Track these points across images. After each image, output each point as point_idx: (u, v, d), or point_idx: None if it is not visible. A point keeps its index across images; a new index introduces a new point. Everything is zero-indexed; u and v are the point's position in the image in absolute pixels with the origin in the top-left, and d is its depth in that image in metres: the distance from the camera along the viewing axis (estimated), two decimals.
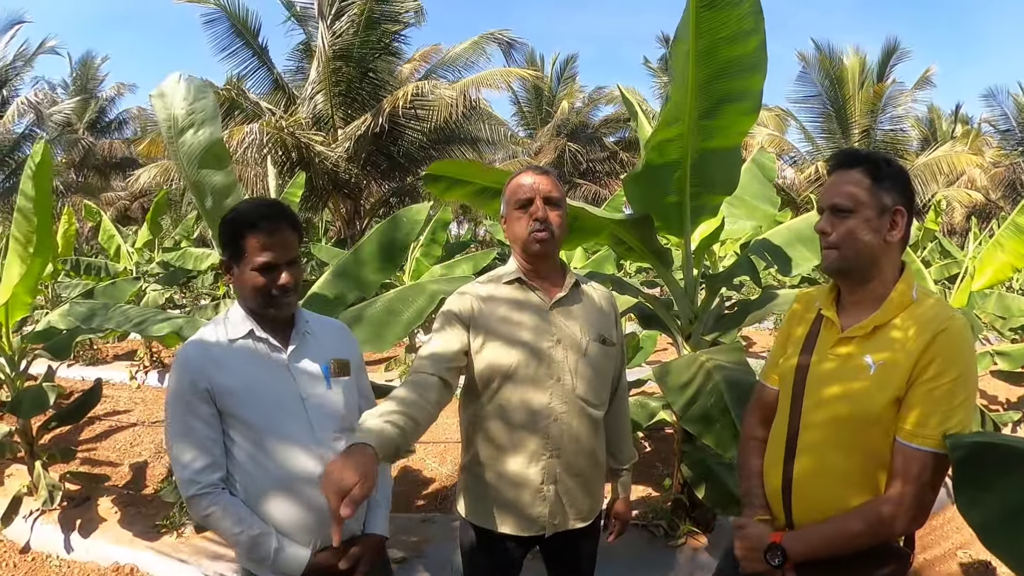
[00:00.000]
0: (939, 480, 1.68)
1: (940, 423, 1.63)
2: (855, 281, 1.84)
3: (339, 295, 3.59)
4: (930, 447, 1.63)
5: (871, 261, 1.79)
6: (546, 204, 2.13)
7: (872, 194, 1.75)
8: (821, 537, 1.76)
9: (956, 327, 1.69)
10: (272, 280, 1.92)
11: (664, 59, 29.68)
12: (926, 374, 1.66)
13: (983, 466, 1.22)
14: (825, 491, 1.79)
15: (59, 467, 5.14)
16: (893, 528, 1.69)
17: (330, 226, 22.55)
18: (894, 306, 1.77)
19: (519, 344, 2.13)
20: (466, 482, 2.29)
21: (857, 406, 1.74)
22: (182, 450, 1.89)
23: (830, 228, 1.80)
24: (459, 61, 16.56)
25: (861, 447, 1.74)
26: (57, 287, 10.52)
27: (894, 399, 1.69)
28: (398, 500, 5.17)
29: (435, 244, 9.11)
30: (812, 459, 1.81)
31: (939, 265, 10.37)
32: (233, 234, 1.93)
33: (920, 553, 4.36)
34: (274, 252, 1.91)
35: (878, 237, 1.76)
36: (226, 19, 14.72)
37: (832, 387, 1.80)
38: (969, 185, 24.69)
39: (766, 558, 1.80)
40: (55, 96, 28.84)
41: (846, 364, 1.80)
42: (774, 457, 1.93)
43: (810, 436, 1.82)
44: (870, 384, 1.73)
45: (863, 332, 1.79)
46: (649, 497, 4.82)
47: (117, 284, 6.91)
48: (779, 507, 1.89)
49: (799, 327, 2.01)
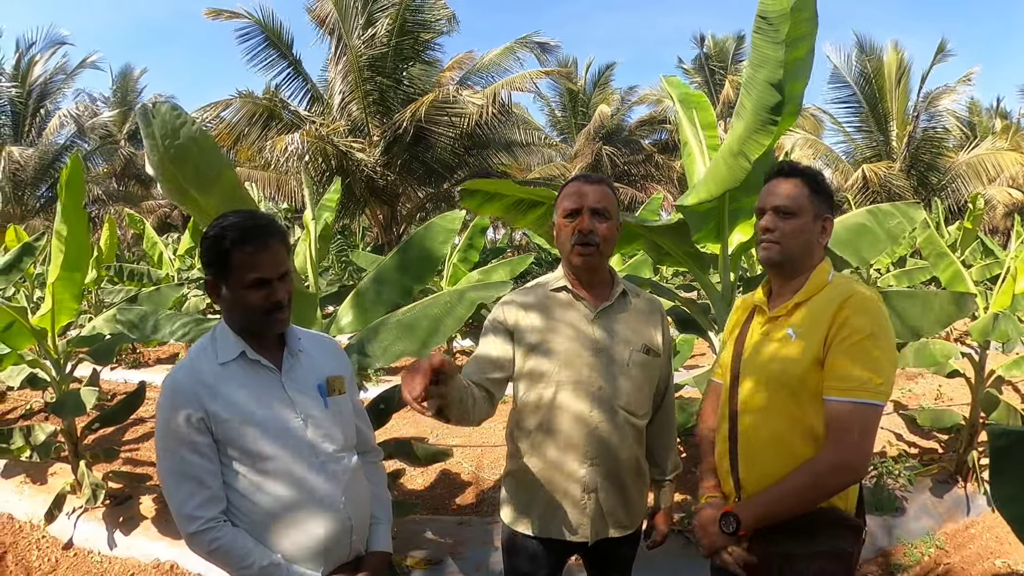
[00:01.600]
0: (869, 430, 1.84)
1: (860, 374, 1.82)
2: (787, 274, 2.06)
3: (378, 301, 3.64)
4: (853, 398, 1.81)
5: (803, 257, 2.02)
6: (593, 216, 2.11)
7: (811, 201, 2.00)
8: (769, 499, 1.90)
9: (862, 292, 1.92)
10: (266, 297, 1.83)
11: (698, 59, 29.54)
12: (840, 334, 1.86)
13: (1021, 460, 1.22)
14: (766, 459, 1.94)
15: (102, 466, 5.25)
16: (830, 481, 1.84)
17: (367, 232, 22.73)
18: (812, 286, 2.00)
19: (561, 352, 2.15)
20: (509, 488, 2.31)
21: (782, 370, 1.93)
22: (178, 485, 1.79)
23: (774, 226, 2.01)
24: (492, 67, 16.62)
25: (793, 414, 1.90)
26: (101, 293, 10.72)
27: (815, 360, 1.88)
28: (435, 502, 5.22)
29: (472, 249, 9.14)
30: (752, 431, 1.98)
31: (980, 265, 10.15)
32: (219, 251, 1.80)
33: (955, 558, 4.30)
34: (265, 267, 1.81)
35: (812, 237, 2.02)
36: (260, 32, 14.91)
37: (761, 359, 2.01)
38: (1011, 183, 24.16)
39: (721, 527, 1.94)
40: (96, 108, 29.52)
41: (771, 337, 2.02)
42: (721, 438, 2.09)
43: (747, 410, 2.01)
44: (792, 349, 1.93)
45: (785, 310, 2.01)
46: (685, 502, 4.80)
47: (161, 290, 7.07)
48: (730, 484, 2.05)
49: (737, 324, 2.23)
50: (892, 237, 4.21)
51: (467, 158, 16.88)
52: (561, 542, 2.21)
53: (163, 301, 6.64)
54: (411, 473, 5.59)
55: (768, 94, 2.88)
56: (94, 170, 26.58)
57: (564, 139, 29.95)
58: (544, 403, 2.16)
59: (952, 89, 21.55)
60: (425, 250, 3.92)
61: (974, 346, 5.33)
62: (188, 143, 2.56)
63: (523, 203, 3.64)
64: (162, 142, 2.51)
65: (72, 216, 4.00)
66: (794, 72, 2.92)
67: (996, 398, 5.09)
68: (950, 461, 5.34)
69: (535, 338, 2.17)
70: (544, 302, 2.22)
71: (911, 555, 4.30)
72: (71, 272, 4.22)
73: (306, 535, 1.85)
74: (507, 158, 18.11)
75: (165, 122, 2.52)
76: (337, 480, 1.91)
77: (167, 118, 2.53)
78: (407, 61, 15.40)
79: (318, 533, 1.86)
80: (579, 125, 28.91)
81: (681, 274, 13.25)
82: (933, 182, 21.54)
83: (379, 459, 2.24)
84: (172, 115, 2.55)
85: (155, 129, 2.50)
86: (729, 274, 3.80)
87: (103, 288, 10.82)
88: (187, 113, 2.58)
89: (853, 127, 23.20)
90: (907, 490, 4.85)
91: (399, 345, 3.23)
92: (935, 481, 5.17)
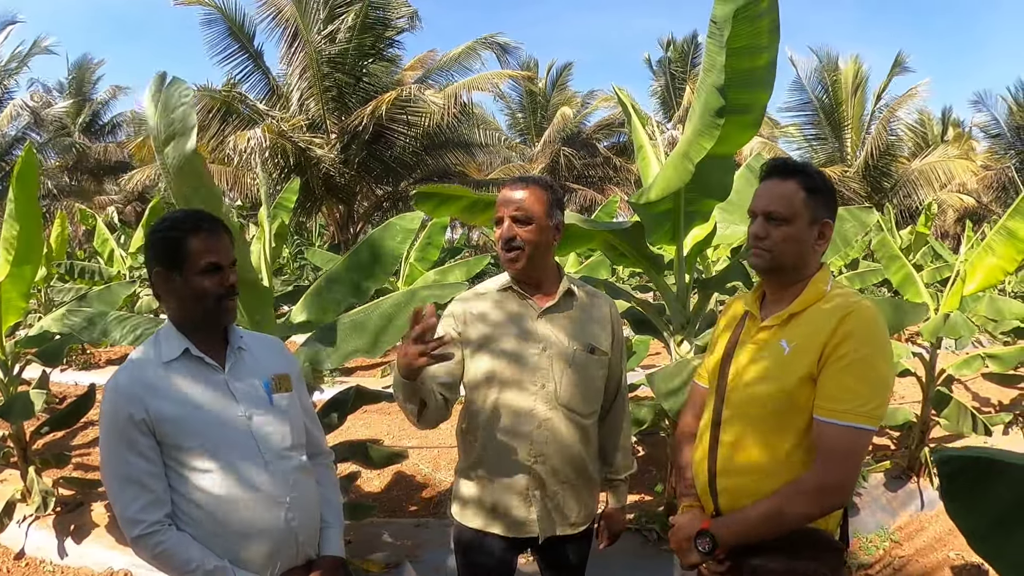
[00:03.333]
0: (859, 456, 1.76)
1: (854, 398, 1.71)
2: (781, 282, 1.94)
3: (333, 301, 3.60)
4: (846, 421, 1.71)
5: (797, 265, 1.89)
6: (514, 222, 2.12)
7: (806, 206, 1.85)
8: (748, 519, 1.80)
9: (864, 308, 1.79)
10: (220, 281, 1.84)
11: (662, 62, 29.78)
12: (837, 352, 1.74)
13: (973, 479, 1.26)
14: (747, 474, 1.85)
15: (53, 472, 5.12)
16: (816, 504, 1.75)
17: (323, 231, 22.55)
18: (809, 296, 1.86)
19: (506, 351, 2.17)
20: (459, 485, 2.33)
21: (772, 385, 1.82)
22: (122, 488, 1.76)
23: (765, 234, 1.87)
24: (453, 66, 16.61)
25: (780, 430, 1.81)
26: (50, 291, 10.47)
27: (807, 376, 1.77)
28: (392, 505, 5.19)
29: (431, 247, 9.08)
30: (734, 444, 1.88)
31: (931, 268, 10.41)
32: (173, 240, 1.82)
33: (911, 554, 4.39)
34: (219, 252, 1.84)
35: (807, 245, 1.87)
36: (223, 21, 14.76)
37: (750, 371, 1.90)
38: (961, 189, 24.79)
39: (696, 546, 1.85)
40: (50, 99, 28.81)
41: (763, 349, 1.90)
42: (701, 446, 1.99)
43: (732, 421, 1.90)
44: (783, 363, 1.82)
45: (779, 320, 1.89)
46: (642, 502, 4.83)
47: (111, 288, 6.89)
48: (707, 496, 1.95)
49: (726, 328, 2.11)
50: (845, 240, 4.29)
51: (425, 157, 16.85)
52: (508, 538, 2.22)
53: (114, 299, 6.48)
54: (367, 475, 5.54)
55: (713, 98, 2.89)
56: (46, 163, 25.95)
57: (524, 140, 30.00)
58: (490, 402, 2.18)
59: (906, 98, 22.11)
60: (382, 249, 3.88)
61: (925, 346, 5.44)
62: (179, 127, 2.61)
63: (479, 203, 3.63)
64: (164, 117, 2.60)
65: (24, 210, 3.87)
66: (754, 81, 2.93)
67: (947, 396, 5.23)
68: (903, 457, 5.47)
69: (481, 339, 2.20)
70: (490, 303, 2.25)
71: (866, 548, 4.38)
72: (21, 268, 4.07)
73: (251, 538, 1.82)
74: (465, 158, 18.09)
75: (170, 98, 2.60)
76: (283, 481, 1.88)
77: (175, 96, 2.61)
78: (367, 58, 15.32)
79: (263, 536, 1.84)
80: (538, 126, 28.98)
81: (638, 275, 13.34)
82: (886, 187, 22.08)
83: (330, 461, 2.21)
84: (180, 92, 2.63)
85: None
86: (684, 275, 3.84)
87: (52, 286, 10.57)
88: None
89: (810, 134, 23.75)
90: (861, 486, 4.94)
91: (351, 344, 3.20)
92: (888, 476, 5.30)
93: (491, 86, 16.27)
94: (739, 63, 2.80)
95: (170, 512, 1.79)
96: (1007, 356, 5.52)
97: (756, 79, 2.92)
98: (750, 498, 1.82)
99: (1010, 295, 11.93)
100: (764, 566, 1.80)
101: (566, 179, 26.15)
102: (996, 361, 5.50)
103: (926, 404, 5.31)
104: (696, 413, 2.14)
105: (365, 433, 6.75)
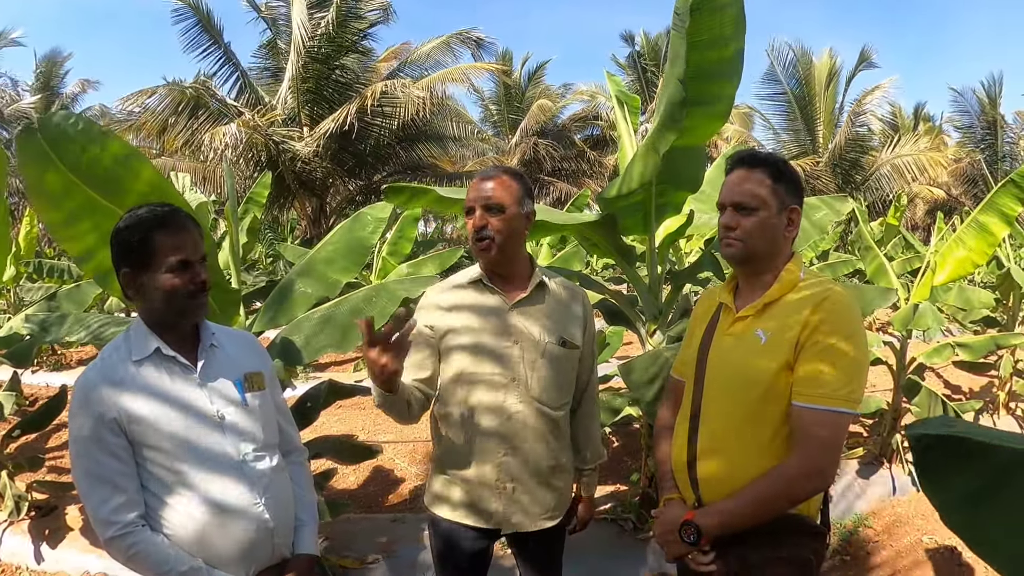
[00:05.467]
0: (839, 439, 1.77)
1: (831, 382, 1.73)
2: (753, 271, 1.96)
3: (303, 295, 3.56)
4: (824, 405, 1.74)
5: (769, 253, 1.92)
6: (486, 211, 2.13)
7: (774, 193, 1.88)
8: (731, 508, 1.82)
9: (837, 294, 1.82)
10: (190, 279, 1.80)
11: (630, 57, 29.82)
12: (812, 338, 1.77)
13: (944, 454, 1.28)
14: (727, 464, 1.86)
15: (26, 476, 5.04)
16: (799, 489, 1.78)
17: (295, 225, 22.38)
18: (783, 285, 1.89)
19: (477, 345, 2.17)
20: (432, 477, 2.34)
21: (750, 374, 1.84)
22: (93, 489, 1.73)
23: (735, 224, 1.90)
24: (427, 60, 16.55)
25: (759, 419, 1.82)
26: (20, 290, 10.30)
27: (784, 364, 1.79)
28: (368, 501, 5.17)
29: (404, 240, 8.99)
30: (713, 434, 1.90)
31: (902, 259, 10.52)
32: (139, 239, 1.77)
33: (886, 539, 4.44)
34: (187, 248, 1.79)
35: (777, 232, 1.90)
36: (192, 15, 14.63)
37: (727, 362, 1.93)
38: (932, 182, 25.12)
39: (681, 536, 1.86)
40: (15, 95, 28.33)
41: (740, 339, 1.92)
42: (680, 438, 2.00)
43: (710, 412, 1.92)
44: (761, 353, 1.84)
45: (755, 310, 1.91)
46: (617, 491, 4.85)
47: (81, 287, 6.77)
48: (687, 487, 1.96)
49: (702, 320, 2.12)
50: (819, 228, 4.32)
51: (399, 151, 16.79)
52: (481, 529, 2.24)
53: (83, 299, 6.37)
54: (343, 472, 5.52)
55: (676, 90, 2.89)
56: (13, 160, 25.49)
57: (498, 133, 29.92)
58: (461, 395, 2.19)
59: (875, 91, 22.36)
60: (353, 241, 3.83)
61: (896, 335, 5.51)
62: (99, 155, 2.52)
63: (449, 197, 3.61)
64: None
65: None
66: (721, 72, 2.93)
67: (917, 384, 5.29)
68: (875, 444, 5.54)
69: (453, 332, 2.20)
70: (462, 296, 2.25)
71: (840, 535, 4.43)
72: None
73: (225, 538, 1.80)
74: (439, 151, 18.06)
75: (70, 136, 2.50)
76: (257, 480, 1.86)
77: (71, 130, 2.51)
78: (342, 51, 15.23)
79: (237, 535, 1.81)
80: (512, 120, 28.92)
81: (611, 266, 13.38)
82: (857, 180, 22.31)
83: (303, 459, 2.19)
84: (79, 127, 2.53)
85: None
86: (656, 267, 3.85)
87: (22, 286, 10.41)
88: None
89: (781, 126, 24.03)
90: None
91: (322, 340, 3.16)
92: (861, 463, 5.37)
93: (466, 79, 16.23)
94: (705, 54, 2.79)
95: (143, 513, 1.76)
96: (976, 345, 5.60)
97: (723, 70, 2.91)
98: (731, 487, 1.83)
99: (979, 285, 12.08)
100: (749, 554, 1.82)
101: (541, 173, 26.18)
102: (966, 350, 5.58)
103: (897, 392, 5.39)
104: (673, 406, 2.15)
105: (340, 429, 6.72)
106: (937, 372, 8.50)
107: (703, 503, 1.91)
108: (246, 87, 16.15)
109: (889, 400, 5.52)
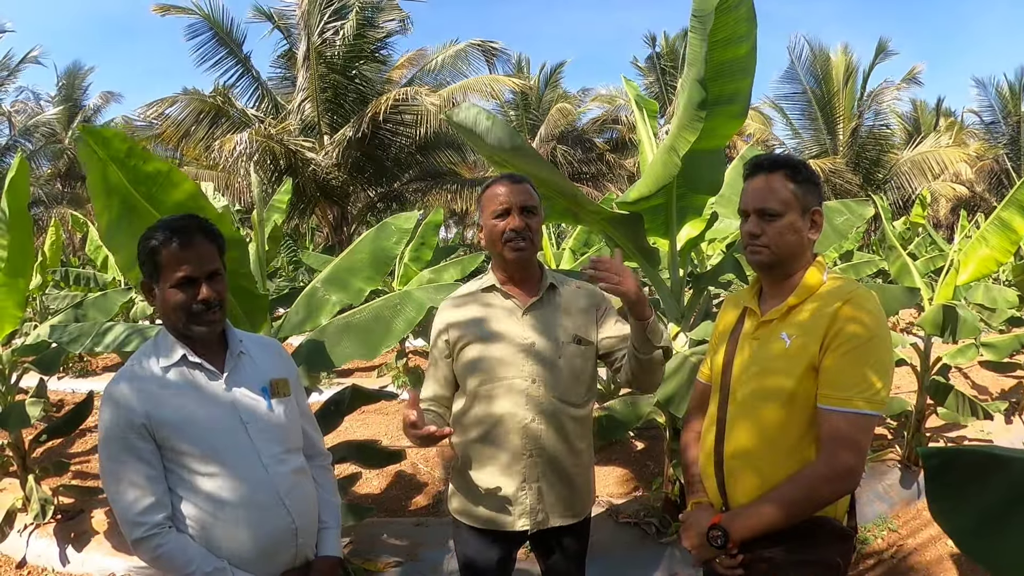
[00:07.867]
0: (865, 441, 1.76)
1: (857, 384, 1.72)
2: (779, 275, 1.94)
3: (328, 303, 3.60)
4: (850, 408, 1.72)
5: (795, 257, 1.90)
6: (522, 213, 2.17)
7: (796, 196, 1.87)
8: (758, 511, 1.80)
9: (861, 294, 1.81)
10: (192, 296, 1.81)
11: (651, 59, 29.73)
12: (837, 340, 1.76)
13: (955, 476, 1.26)
14: (754, 467, 1.86)
15: (52, 480, 5.12)
16: (825, 492, 1.76)
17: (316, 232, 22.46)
18: (805, 288, 1.88)
19: (494, 351, 2.21)
20: (456, 482, 2.37)
21: (776, 379, 1.84)
22: (123, 491, 1.76)
23: (760, 231, 1.89)
24: (443, 68, 16.56)
25: (786, 422, 1.82)
26: (46, 299, 10.44)
27: (809, 367, 1.79)
28: (391, 504, 5.19)
29: (425, 247, 9.04)
30: (740, 438, 1.89)
31: (926, 258, 10.40)
32: (149, 251, 1.81)
33: (909, 541, 4.40)
34: (191, 265, 1.80)
35: (802, 235, 1.89)
36: (209, 28, 14.68)
37: (753, 366, 1.91)
38: (955, 179, 24.84)
39: (708, 540, 1.86)
40: (38, 107, 28.70)
41: (765, 343, 1.91)
42: (707, 442, 2.00)
43: (737, 417, 1.91)
44: (786, 357, 1.83)
45: (779, 314, 1.90)
46: (641, 495, 4.84)
47: (107, 295, 6.85)
48: (715, 491, 1.96)
49: (727, 325, 2.11)
50: (840, 233, 4.30)
51: (418, 157, 16.82)
52: (504, 533, 2.26)
53: (110, 307, 6.44)
54: (366, 476, 5.55)
55: (695, 91, 2.91)
56: (38, 171, 25.84)
57: None
58: (480, 401, 2.22)
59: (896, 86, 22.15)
60: (377, 250, 3.88)
61: (920, 335, 5.44)
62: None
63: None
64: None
65: (15, 220, 3.87)
66: (736, 70, 2.95)
67: (945, 385, 5.20)
68: (900, 446, 5.48)
69: (469, 341, 2.24)
70: (475, 304, 2.29)
71: (865, 539, 4.39)
72: (14, 279, 4.07)
73: (250, 539, 1.84)
74: (457, 158, 18.07)
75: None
76: (281, 483, 1.90)
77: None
78: (360, 60, 15.29)
79: (262, 537, 1.85)
80: (530, 124, 28.90)
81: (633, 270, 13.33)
82: (878, 178, 22.09)
83: (327, 463, 2.22)
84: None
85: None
86: (678, 270, 3.85)
87: (48, 294, 10.54)
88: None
89: (802, 125, 23.78)
90: None
91: (349, 347, 3.21)
92: (886, 466, 5.31)
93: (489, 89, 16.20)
94: (721, 54, 2.84)
95: (170, 514, 1.80)
96: (1001, 344, 5.55)
97: (738, 68, 2.95)
98: (758, 491, 1.83)
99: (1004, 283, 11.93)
100: (776, 557, 1.81)
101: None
102: (991, 349, 5.52)
103: (922, 393, 5.32)
104: (700, 410, 2.16)
105: (363, 433, 6.76)
106: (963, 372, 8.41)
107: (730, 507, 1.91)
108: (264, 96, 16.24)
109: (913, 402, 5.46)
